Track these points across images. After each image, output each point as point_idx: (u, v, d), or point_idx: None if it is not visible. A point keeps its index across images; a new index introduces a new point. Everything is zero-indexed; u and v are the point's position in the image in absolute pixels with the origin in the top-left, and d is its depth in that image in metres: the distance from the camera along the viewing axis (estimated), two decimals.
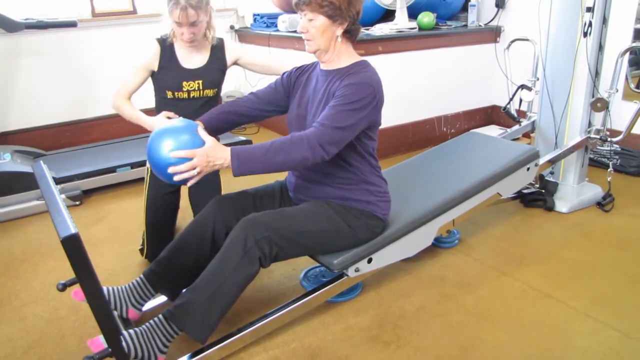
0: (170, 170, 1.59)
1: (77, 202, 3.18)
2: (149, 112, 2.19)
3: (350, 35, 1.82)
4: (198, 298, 1.66)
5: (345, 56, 1.84)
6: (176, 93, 2.21)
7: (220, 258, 1.70)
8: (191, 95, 2.22)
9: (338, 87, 1.76)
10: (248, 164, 1.63)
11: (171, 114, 2.14)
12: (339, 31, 1.78)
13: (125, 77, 2.22)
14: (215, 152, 1.61)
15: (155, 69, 2.21)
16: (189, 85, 2.20)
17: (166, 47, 2.20)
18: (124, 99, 2.21)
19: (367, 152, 1.87)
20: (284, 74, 2.02)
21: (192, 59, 2.22)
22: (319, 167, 1.87)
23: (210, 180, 2.27)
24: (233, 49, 2.31)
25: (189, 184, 1.64)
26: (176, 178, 1.61)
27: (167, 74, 2.20)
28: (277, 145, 1.65)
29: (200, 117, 1.97)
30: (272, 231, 1.72)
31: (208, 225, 1.88)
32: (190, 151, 1.60)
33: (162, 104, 2.25)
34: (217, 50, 2.27)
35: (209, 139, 1.65)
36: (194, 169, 1.60)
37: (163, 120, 2.07)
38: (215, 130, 1.96)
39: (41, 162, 1.84)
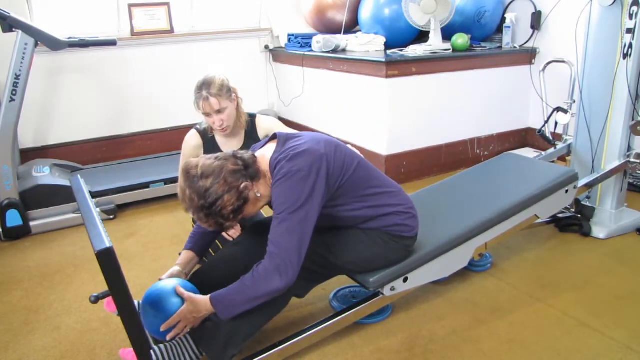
0: (169, 337, 1.65)
1: (111, 217, 3.24)
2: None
3: (253, 177, 1.66)
4: (225, 323, 1.66)
5: (264, 171, 1.69)
6: None
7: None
8: None
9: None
10: (232, 308, 1.63)
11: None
12: (254, 194, 1.66)
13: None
14: (195, 308, 1.63)
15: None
16: None
17: (208, 139, 2.38)
18: None
19: (365, 195, 1.77)
20: None
21: (230, 144, 2.39)
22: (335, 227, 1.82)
23: None
24: (264, 125, 2.45)
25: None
26: (177, 337, 1.67)
27: None
28: (250, 282, 1.60)
29: (188, 246, 1.94)
30: (308, 260, 1.70)
31: (240, 252, 1.91)
32: (173, 318, 1.63)
33: None
34: (250, 130, 2.42)
35: (185, 297, 1.65)
36: (186, 326, 1.65)
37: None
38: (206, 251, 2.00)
39: (78, 176, 1.88)
